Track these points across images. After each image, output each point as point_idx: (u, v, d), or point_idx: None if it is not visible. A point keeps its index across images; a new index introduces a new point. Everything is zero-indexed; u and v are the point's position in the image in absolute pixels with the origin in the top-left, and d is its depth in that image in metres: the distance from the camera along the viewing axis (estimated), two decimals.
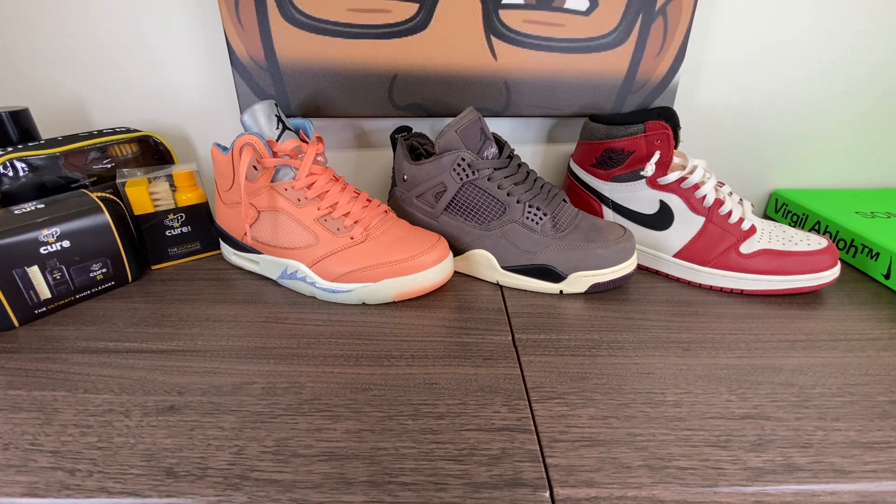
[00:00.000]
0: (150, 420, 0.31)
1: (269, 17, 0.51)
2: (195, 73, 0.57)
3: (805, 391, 0.35)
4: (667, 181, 0.49)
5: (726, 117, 0.63)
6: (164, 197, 0.49)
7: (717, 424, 0.32)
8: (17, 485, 0.27)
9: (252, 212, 0.46)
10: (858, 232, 0.53)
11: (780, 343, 0.41)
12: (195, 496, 0.26)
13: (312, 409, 0.33)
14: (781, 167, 0.67)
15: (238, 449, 0.29)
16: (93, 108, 0.58)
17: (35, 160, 0.46)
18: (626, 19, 0.54)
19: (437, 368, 0.37)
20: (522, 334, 0.41)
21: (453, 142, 0.46)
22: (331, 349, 0.39)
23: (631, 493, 0.27)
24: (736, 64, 0.60)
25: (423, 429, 0.31)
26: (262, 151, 0.43)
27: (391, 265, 0.44)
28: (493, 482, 0.28)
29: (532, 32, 0.54)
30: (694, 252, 0.49)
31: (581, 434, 0.31)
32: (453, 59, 0.55)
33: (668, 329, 0.42)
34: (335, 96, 0.56)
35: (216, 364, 0.37)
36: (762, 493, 0.27)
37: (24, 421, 0.31)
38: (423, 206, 0.50)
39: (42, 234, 0.41)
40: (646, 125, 0.49)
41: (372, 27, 0.52)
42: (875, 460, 0.29)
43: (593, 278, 0.46)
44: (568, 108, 0.58)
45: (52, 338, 0.40)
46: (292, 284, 0.47)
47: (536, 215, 0.46)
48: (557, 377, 0.36)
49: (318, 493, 0.27)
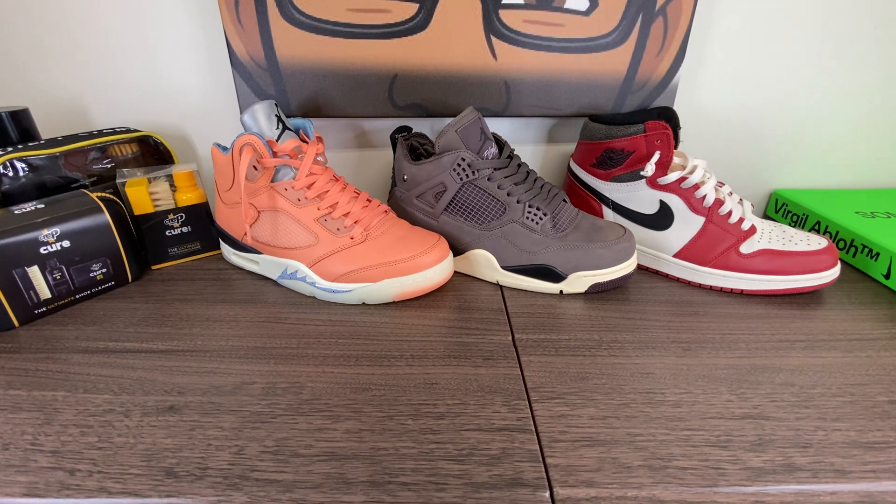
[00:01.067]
0: (150, 420, 0.32)
1: (269, 17, 0.51)
2: (195, 73, 0.57)
3: (805, 391, 0.35)
4: (667, 181, 0.49)
5: (726, 117, 0.63)
6: (164, 197, 0.49)
7: (717, 424, 0.32)
8: (17, 485, 0.27)
9: (252, 212, 0.46)
10: (858, 232, 0.53)
11: (780, 343, 0.41)
12: (195, 496, 0.26)
13: (312, 409, 0.33)
14: (781, 167, 0.67)
15: (238, 449, 0.29)
16: (93, 108, 0.58)
17: (35, 160, 0.46)
18: (626, 19, 0.54)
19: (437, 368, 0.37)
20: (522, 334, 0.41)
21: (453, 142, 0.46)
22: (331, 349, 0.39)
23: (631, 493, 0.27)
24: (736, 64, 0.60)
25: (423, 429, 0.31)
26: (262, 151, 0.43)
27: (391, 265, 0.44)
28: (493, 482, 0.28)
29: (532, 32, 0.54)
30: (694, 252, 0.49)
31: (581, 434, 0.31)
32: (453, 59, 0.55)
33: (668, 329, 0.42)
34: (335, 96, 0.56)
35: (216, 364, 0.37)
36: (762, 493, 0.27)
37: (24, 421, 0.31)
38: (423, 206, 0.50)
39: (42, 234, 0.41)
40: (646, 125, 0.49)
41: (372, 27, 0.52)
42: (875, 460, 0.29)
43: (593, 278, 0.46)
44: (568, 108, 0.58)
45: (52, 338, 0.40)
46: (292, 284, 0.47)
47: (536, 215, 0.46)
48: (557, 377, 0.36)
49: (318, 493, 0.27)
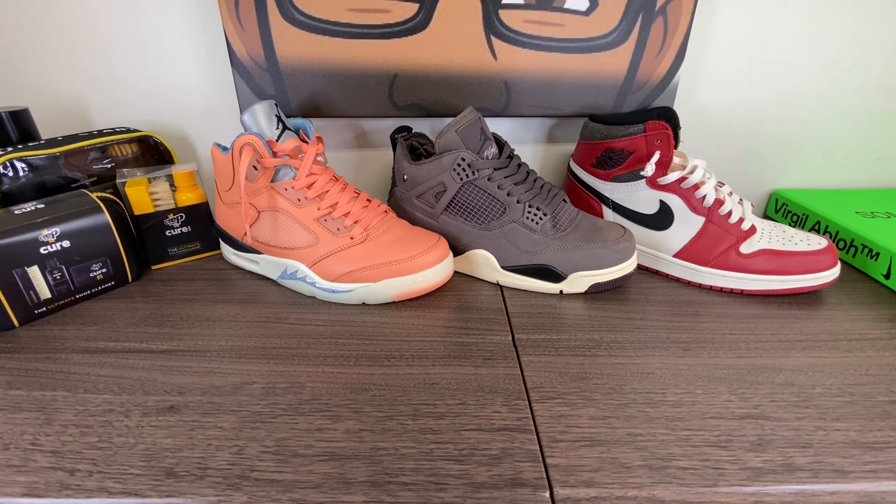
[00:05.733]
0: (150, 420, 0.31)
1: (269, 17, 0.51)
2: (195, 73, 0.57)
3: (805, 391, 0.35)
4: (667, 181, 0.49)
5: (726, 117, 0.63)
6: (164, 197, 0.49)
7: (717, 424, 0.32)
8: (17, 485, 0.27)
9: (252, 212, 0.46)
10: (858, 232, 0.53)
11: (780, 343, 0.41)
12: (195, 496, 0.26)
13: (312, 409, 0.33)
14: (781, 167, 0.67)
15: (238, 449, 0.29)
16: (93, 108, 0.58)
17: (35, 160, 0.46)
18: (626, 19, 0.54)
19: (437, 368, 0.37)
20: (522, 334, 0.41)
21: (453, 142, 0.46)
22: (331, 349, 0.39)
23: (631, 493, 0.27)
24: (736, 64, 0.60)
25: (423, 429, 0.31)
26: (262, 151, 0.43)
27: (391, 265, 0.44)
28: (493, 482, 0.28)
29: (532, 32, 0.54)
30: (694, 252, 0.49)
31: (581, 434, 0.31)
32: (453, 59, 0.55)
33: (668, 329, 0.42)
34: (335, 96, 0.56)
35: (216, 364, 0.37)
36: (762, 493, 0.27)
37: (24, 421, 0.31)
38: (423, 206, 0.50)
39: (42, 234, 0.41)
40: (646, 125, 0.49)
41: (372, 27, 0.52)
42: (875, 460, 0.29)
43: (593, 278, 0.46)
44: (568, 108, 0.58)
45: (52, 338, 0.40)
46: (292, 284, 0.47)
47: (536, 215, 0.46)
48: (557, 377, 0.36)
49: (318, 493, 0.27)
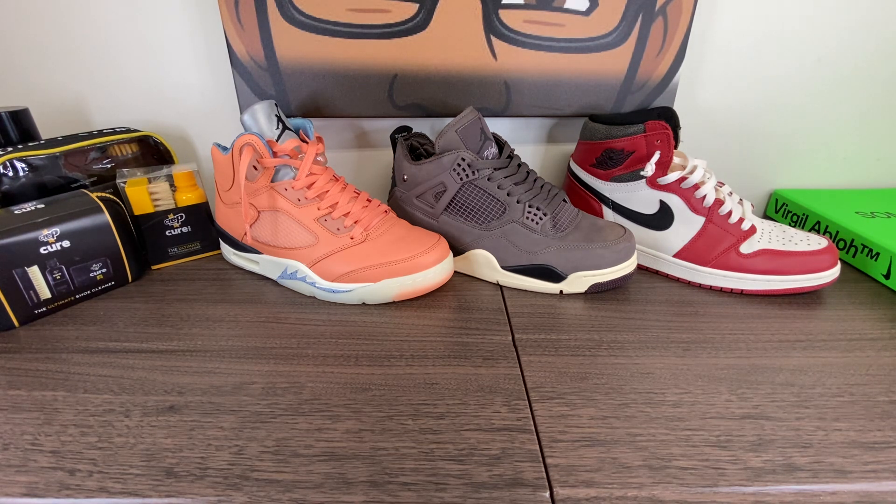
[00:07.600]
0: (150, 420, 0.31)
1: (269, 17, 0.51)
2: (195, 73, 0.57)
3: (805, 391, 0.35)
4: (667, 181, 0.49)
5: (726, 117, 0.63)
6: (164, 197, 0.49)
7: (717, 424, 0.32)
8: (17, 485, 0.27)
9: (252, 212, 0.46)
10: (858, 232, 0.53)
11: (780, 343, 0.41)
12: (195, 496, 0.26)
13: (312, 409, 0.33)
14: (781, 167, 0.67)
15: (238, 449, 0.29)
16: (93, 108, 0.58)
17: (35, 160, 0.46)
18: (625, 19, 0.54)
19: (437, 368, 0.37)
20: (522, 334, 0.41)
21: (453, 142, 0.46)
22: (331, 349, 0.39)
23: (631, 493, 0.27)
24: (736, 64, 0.60)
25: (423, 429, 0.31)
26: (262, 151, 0.43)
27: (391, 265, 0.44)
28: (493, 482, 0.28)
29: (532, 32, 0.54)
30: (694, 252, 0.49)
31: (581, 434, 0.31)
32: (453, 59, 0.55)
33: (668, 329, 0.42)
34: (335, 96, 0.56)
35: (216, 364, 0.37)
36: (762, 493, 0.27)
37: (24, 421, 0.31)
38: (423, 206, 0.50)
39: (42, 234, 0.41)
40: (646, 125, 0.49)
41: (372, 27, 0.52)
42: (875, 460, 0.29)
43: (593, 278, 0.46)
44: (568, 108, 0.58)
45: (52, 338, 0.40)
46: (292, 284, 0.47)
47: (536, 215, 0.46)
48: (557, 377, 0.36)
49: (318, 493, 0.27)
